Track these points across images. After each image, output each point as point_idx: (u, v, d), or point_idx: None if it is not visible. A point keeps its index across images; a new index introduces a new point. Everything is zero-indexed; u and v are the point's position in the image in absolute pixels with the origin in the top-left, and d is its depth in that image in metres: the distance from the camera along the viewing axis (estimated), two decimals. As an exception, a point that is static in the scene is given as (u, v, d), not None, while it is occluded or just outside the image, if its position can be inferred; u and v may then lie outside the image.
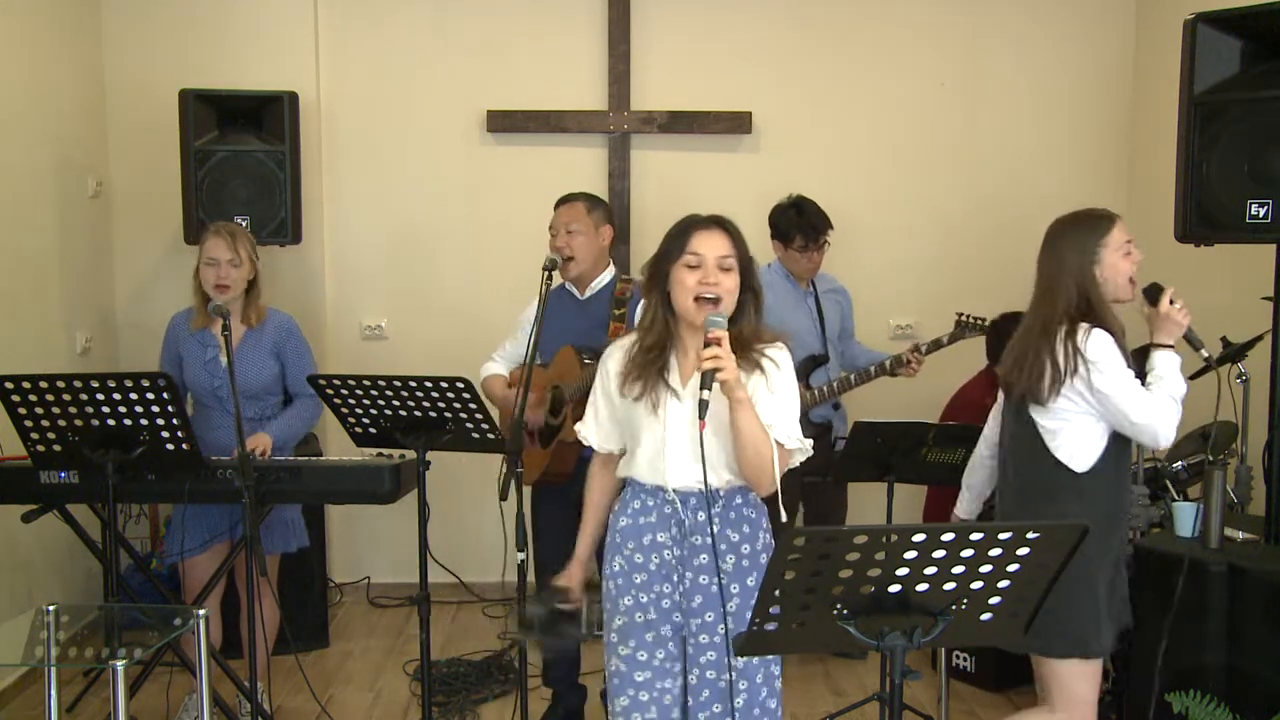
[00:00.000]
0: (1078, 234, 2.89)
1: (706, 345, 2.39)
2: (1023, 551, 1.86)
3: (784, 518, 2.55)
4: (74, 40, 4.94)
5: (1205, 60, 3.42)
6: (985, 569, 1.87)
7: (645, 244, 5.33)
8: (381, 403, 3.32)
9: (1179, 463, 4.01)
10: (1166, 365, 2.89)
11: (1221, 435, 4.09)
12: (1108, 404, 2.80)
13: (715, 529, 2.54)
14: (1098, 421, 2.83)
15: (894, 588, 1.87)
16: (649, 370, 2.57)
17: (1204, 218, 3.43)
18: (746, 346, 2.54)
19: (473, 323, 4.97)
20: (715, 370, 2.36)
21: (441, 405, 3.27)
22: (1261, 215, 3.30)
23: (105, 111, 5.17)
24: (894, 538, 1.83)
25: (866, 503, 4.65)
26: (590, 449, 3.34)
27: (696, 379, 2.45)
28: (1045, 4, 5.42)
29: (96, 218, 5.10)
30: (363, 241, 5.43)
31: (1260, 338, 3.81)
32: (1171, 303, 2.92)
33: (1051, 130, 5.45)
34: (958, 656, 4.27)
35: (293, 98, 4.80)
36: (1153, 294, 2.93)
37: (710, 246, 2.54)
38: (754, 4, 5.38)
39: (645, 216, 5.38)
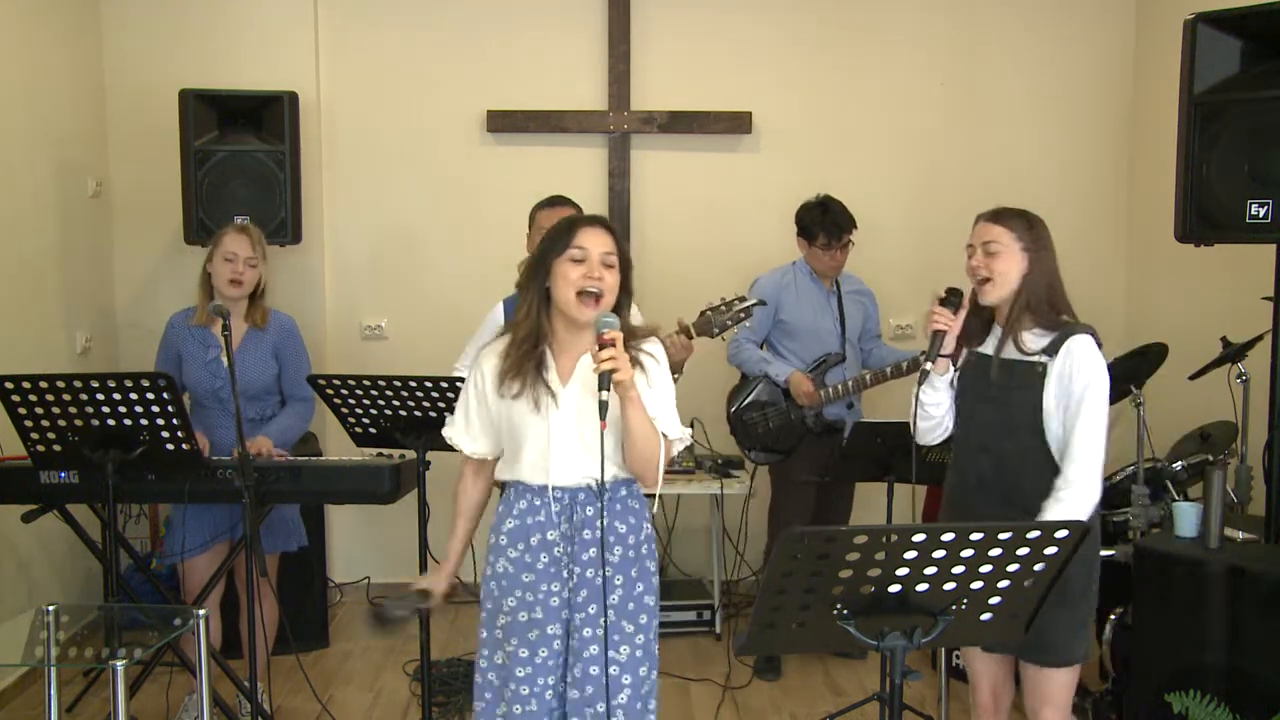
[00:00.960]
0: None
1: (601, 347, 2.41)
2: (1022, 551, 1.86)
3: (653, 510, 2.65)
4: (74, 40, 4.94)
5: (1205, 60, 3.42)
6: (985, 569, 1.87)
7: (645, 244, 5.34)
8: (381, 403, 3.32)
9: (1179, 463, 4.01)
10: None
11: (1221, 435, 4.09)
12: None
13: (605, 522, 2.58)
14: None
15: (894, 588, 1.88)
16: (526, 367, 2.57)
17: (1204, 218, 3.43)
18: (625, 343, 2.53)
19: (473, 323, 4.93)
20: (613, 371, 2.39)
21: (441, 405, 3.27)
22: (1261, 215, 3.30)
23: (105, 112, 5.17)
24: (894, 538, 1.83)
25: (866, 503, 4.65)
26: None
27: (575, 376, 2.53)
28: (1045, 4, 5.42)
29: (96, 218, 5.10)
30: (363, 241, 5.43)
31: (1260, 338, 3.81)
32: (943, 305, 2.88)
33: (1051, 130, 5.45)
34: (958, 656, 4.27)
35: (293, 98, 4.80)
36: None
37: (595, 243, 2.56)
38: (754, 4, 5.38)
39: (645, 216, 5.38)
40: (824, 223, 4.46)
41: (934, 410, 2.89)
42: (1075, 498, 2.61)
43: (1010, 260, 2.76)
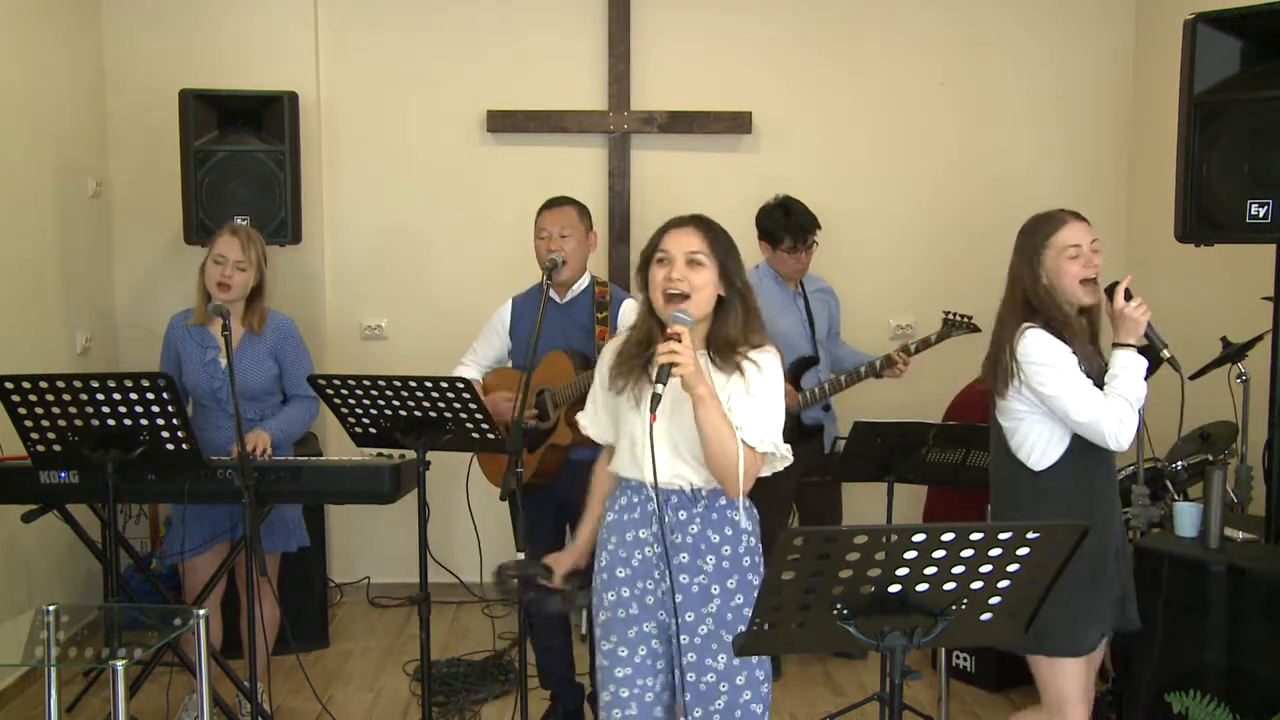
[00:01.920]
0: (1026, 235, 2.91)
1: (664, 340, 2.42)
2: (1023, 551, 1.86)
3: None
4: (74, 40, 4.94)
5: (1205, 60, 3.42)
6: (985, 569, 1.87)
7: (645, 244, 5.32)
8: (381, 403, 3.32)
9: (1179, 463, 4.01)
10: (1122, 364, 2.79)
11: (1221, 435, 4.09)
12: (1050, 403, 2.79)
13: (696, 528, 2.57)
14: (1050, 420, 2.82)
15: (894, 588, 1.87)
16: (633, 365, 2.59)
17: (1204, 218, 3.43)
18: (730, 348, 2.54)
19: (473, 323, 4.93)
20: (671, 365, 2.38)
21: (441, 405, 3.27)
22: (1261, 215, 3.30)
23: (105, 111, 5.17)
24: (894, 538, 1.83)
25: (866, 503, 4.65)
26: (576, 452, 3.34)
27: (676, 378, 2.48)
28: (1045, 4, 5.42)
29: (96, 218, 5.10)
30: (363, 241, 5.43)
31: (1260, 338, 3.81)
32: (1128, 299, 2.81)
33: (1051, 130, 5.45)
34: (958, 656, 4.27)
35: (293, 98, 4.80)
36: (1110, 292, 2.86)
37: (678, 243, 2.57)
38: (754, 4, 5.38)
39: (645, 216, 5.37)
40: (788, 225, 4.36)
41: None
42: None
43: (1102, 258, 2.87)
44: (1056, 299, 2.83)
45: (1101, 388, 2.78)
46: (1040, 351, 2.78)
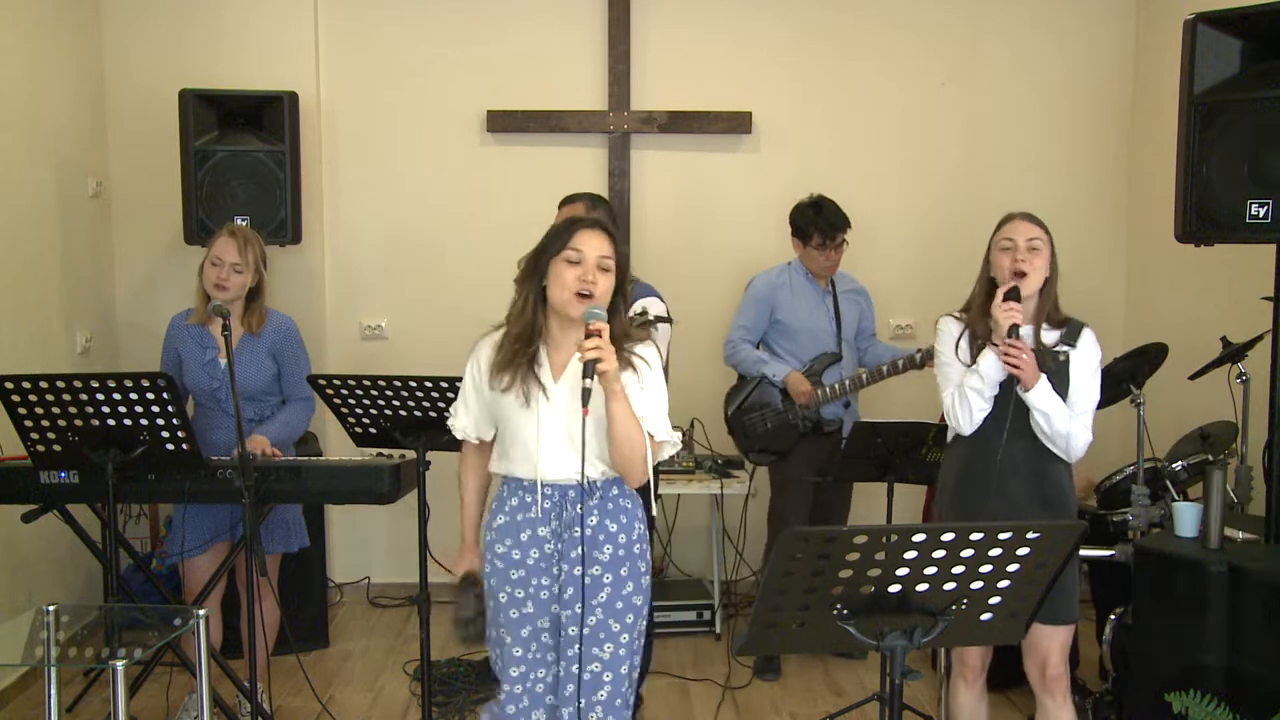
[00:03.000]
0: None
1: (588, 336, 2.45)
2: (1022, 551, 1.86)
3: (654, 510, 2.67)
4: (74, 40, 4.94)
5: (1205, 60, 3.42)
6: (985, 569, 1.87)
7: (646, 244, 5.34)
8: (381, 403, 3.32)
9: (1179, 463, 4.01)
10: (981, 358, 2.99)
11: (1221, 435, 4.09)
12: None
13: (595, 519, 2.61)
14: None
15: (894, 588, 1.88)
16: (518, 362, 2.60)
17: (1204, 218, 3.43)
18: (618, 345, 2.57)
19: (473, 323, 4.90)
20: (596, 360, 2.42)
21: (441, 405, 3.27)
22: (1261, 215, 3.30)
23: (105, 111, 5.17)
24: (894, 538, 1.83)
25: (866, 503, 4.65)
26: None
27: (567, 373, 2.55)
28: (1045, 4, 5.43)
29: (96, 218, 5.10)
30: (363, 241, 5.43)
31: (1260, 338, 3.81)
32: (1006, 300, 2.94)
33: (1051, 130, 5.45)
34: (958, 656, 4.27)
35: (293, 98, 4.80)
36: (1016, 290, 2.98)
37: (592, 246, 2.60)
38: (754, 4, 5.39)
39: (645, 216, 5.38)
40: (818, 222, 4.47)
41: (989, 396, 2.99)
42: (1079, 421, 2.96)
43: (1045, 258, 3.00)
44: (993, 286, 3.03)
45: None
46: (938, 336, 3.14)
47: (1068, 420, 2.93)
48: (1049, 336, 3.02)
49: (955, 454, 3.12)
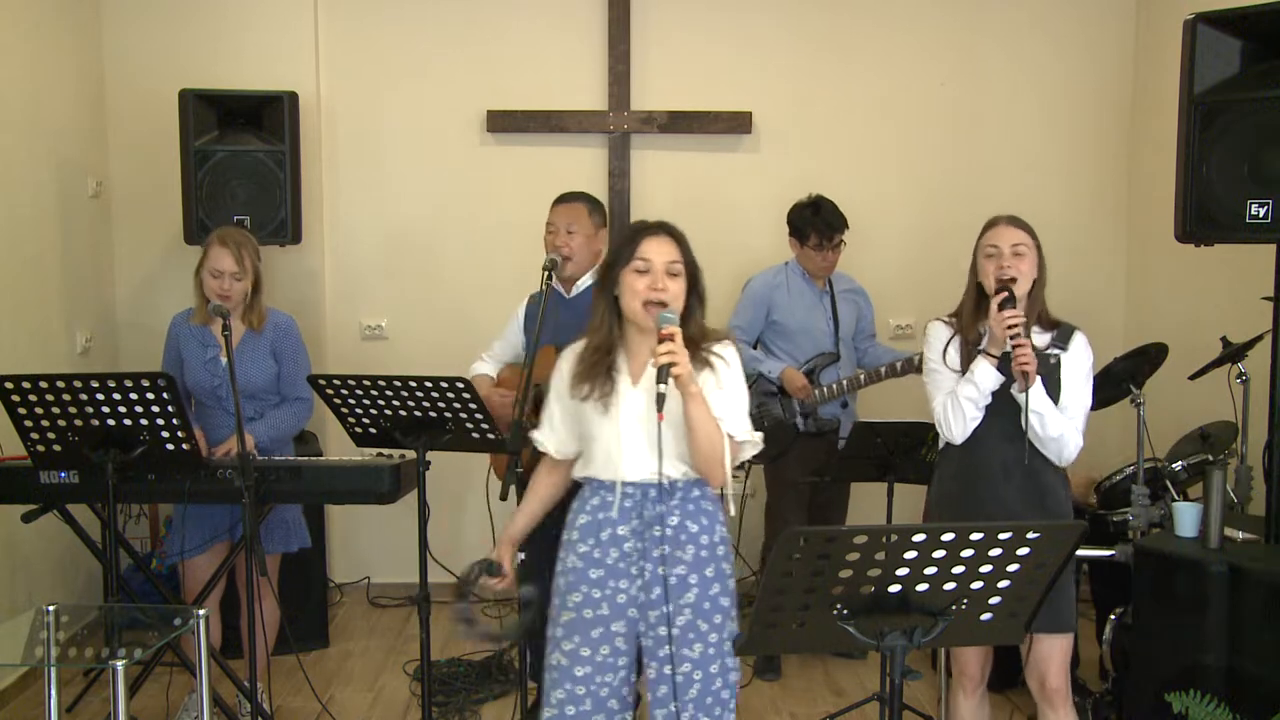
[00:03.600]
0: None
1: (660, 341, 2.47)
2: (1023, 551, 1.86)
3: (732, 512, 2.67)
4: (74, 40, 4.94)
5: (1205, 60, 3.42)
6: (985, 569, 1.87)
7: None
8: (381, 403, 3.32)
9: (1179, 463, 4.01)
10: (974, 367, 2.95)
11: (1221, 435, 4.09)
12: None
13: (676, 520, 2.62)
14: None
15: (894, 588, 1.87)
16: (598, 371, 2.64)
17: (1204, 218, 3.43)
18: (695, 346, 2.60)
19: (473, 323, 4.96)
20: (670, 365, 2.43)
21: (441, 405, 3.27)
22: (1261, 215, 3.30)
23: (105, 111, 5.17)
24: (894, 538, 1.83)
25: (867, 503, 4.65)
26: None
27: (645, 377, 2.57)
28: (1045, 4, 5.42)
29: (96, 218, 5.10)
30: (363, 241, 5.43)
31: (1260, 338, 3.81)
32: (1002, 309, 2.89)
33: (1051, 130, 5.45)
34: (958, 656, 4.27)
35: (293, 98, 4.80)
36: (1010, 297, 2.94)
37: (659, 252, 2.62)
38: (754, 4, 5.38)
39: (645, 216, 5.33)
40: (816, 223, 4.47)
41: (983, 404, 2.96)
42: (1070, 423, 2.94)
43: (1031, 263, 2.97)
44: (982, 293, 3.02)
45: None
46: (927, 340, 3.12)
47: (1060, 423, 2.92)
48: (1040, 339, 3.00)
49: (947, 460, 3.10)
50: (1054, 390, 2.94)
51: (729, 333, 2.75)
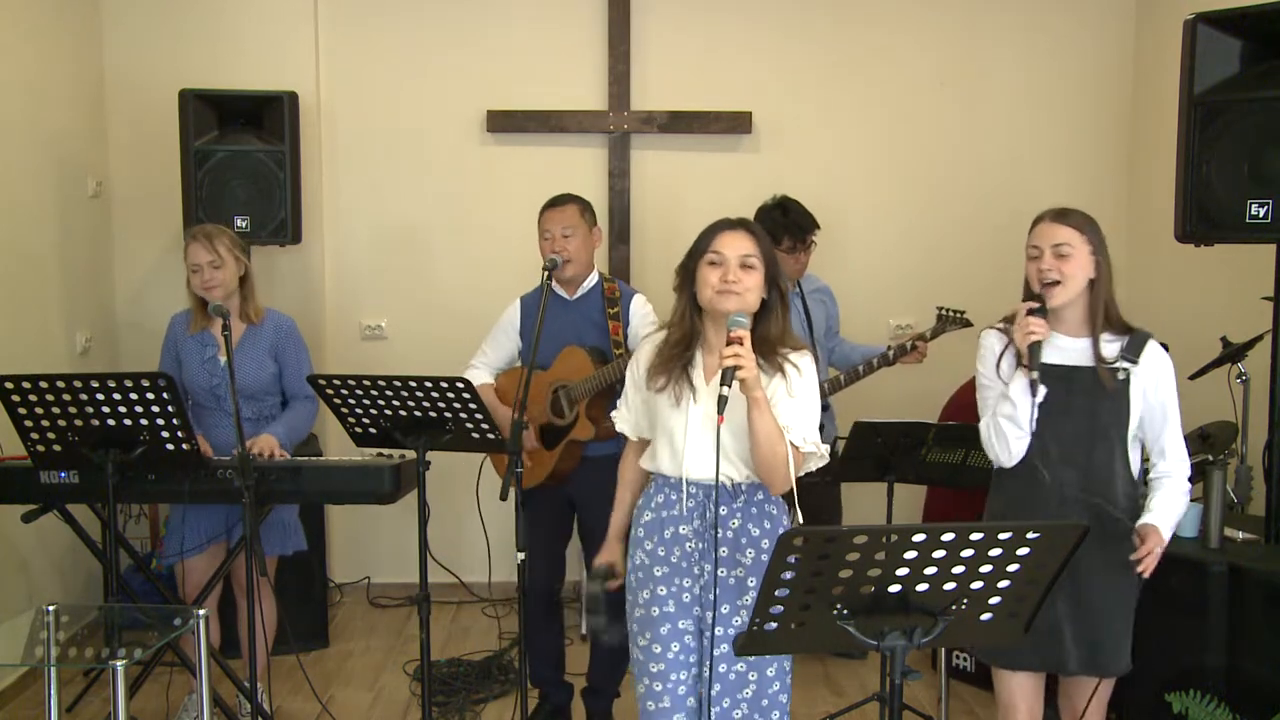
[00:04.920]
0: None
1: (729, 344, 2.47)
2: (1023, 551, 1.86)
3: (800, 518, 2.62)
4: (74, 40, 4.94)
5: (1205, 60, 3.42)
6: (985, 569, 1.87)
7: (645, 244, 5.34)
8: (381, 403, 3.32)
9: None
10: (1011, 385, 2.74)
11: (1221, 435, 4.09)
12: None
13: (738, 523, 2.63)
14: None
15: (894, 588, 1.87)
16: (674, 364, 2.66)
17: (1204, 218, 3.44)
18: (771, 349, 2.62)
19: (472, 323, 4.95)
20: (735, 368, 2.43)
21: (441, 405, 3.27)
22: (1261, 215, 3.30)
23: (105, 111, 5.17)
24: (894, 538, 1.83)
25: (866, 503, 4.64)
26: (593, 448, 3.32)
27: (719, 376, 2.53)
28: (1045, 4, 5.42)
29: (96, 218, 5.10)
30: (363, 241, 5.43)
31: (1260, 338, 3.81)
32: (1030, 314, 2.72)
33: (1051, 130, 5.45)
34: (958, 656, 4.27)
35: (293, 98, 4.79)
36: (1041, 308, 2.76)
37: (732, 246, 2.62)
38: (754, 4, 5.38)
39: (645, 216, 5.38)
40: (787, 225, 4.34)
41: (1025, 423, 2.73)
42: (1181, 479, 2.76)
43: (1080, 263, 2.73)
44: (1033, 297, 2.78)
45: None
46: (979, 354, 2.87)
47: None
48: (1108, 349, 2.74)
49: (1001, 484, 2.87)
50: (1120, 411, 2.71)
51: (803, 341, 2.72)
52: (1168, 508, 2.73)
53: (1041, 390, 2.70)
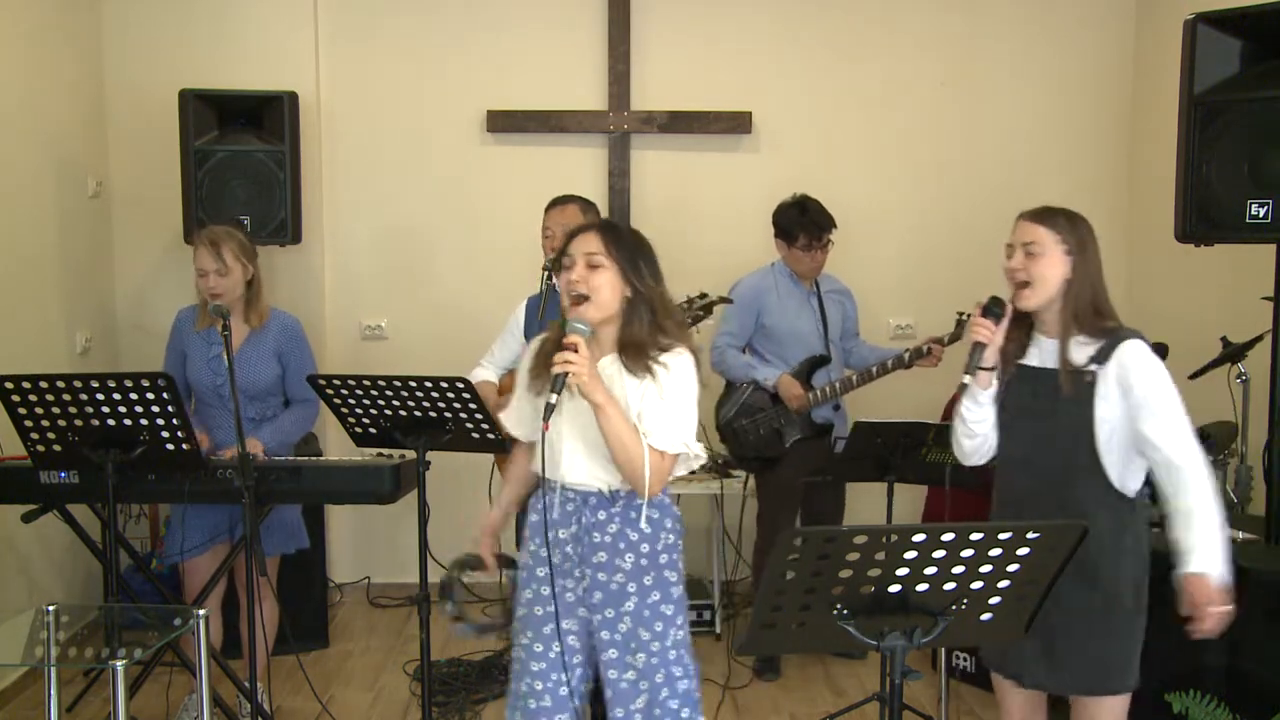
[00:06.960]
0: None
1: (560, 349, 2.42)
2: (1023, 551, 1.86)
3: (667, 521, 2.63)
4: (74, 40, 4.94)
5: (1205, 60, 3.42)
6: (985, 569, 1.87)
7: (645, 244, 5.33)
8: (381, 403, 3.32)
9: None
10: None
11: (1221, 435, 4.09)
12: None
13: (615, 528, 2.60)
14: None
15: (894, 588, 1.87)
16: (547, 368, 2.57)
17: (1204, 218, 3.44)
18: (639, 350, 2.54)
19: (472, 322, 4.97)
20: (565, 374, 2.41)
21: (441, 405, 3.27)
22: (1261, 215, 3.30)
23: (105, 111, 5.17)
24: (894, 538, 1.83)
25: (866, 503, 4.64)
26: None
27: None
28: (1045, 4, 5.42)
29: (96, 218, 5.10)
30: (363, 241, 5.43)
31: (1260, 338, 3.81)
32: (984, 315, 2.68)
33: (1051, 130, 5.45)
34: (958, 656, 4.27)
35: (293, 98, 4.79)
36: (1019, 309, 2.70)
37: (578, 246, 2.57)
38: (754, 4, 5.39)
39: (645, 216, 5.38)
40: (804, 223, 4.38)
41: (977, 427, 2.73)
42: (1203, 500, 2.50)
43: (1051, 263, 2.61)
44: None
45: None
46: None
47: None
48: (1083, 351, 2.60)
49: (995, 483, 2.82)
50: (1083, 416, 2.58)
51: (686, 339, 2.62)
52: (1200, 538, 2.48)
53: (990, 391, 2.69)
